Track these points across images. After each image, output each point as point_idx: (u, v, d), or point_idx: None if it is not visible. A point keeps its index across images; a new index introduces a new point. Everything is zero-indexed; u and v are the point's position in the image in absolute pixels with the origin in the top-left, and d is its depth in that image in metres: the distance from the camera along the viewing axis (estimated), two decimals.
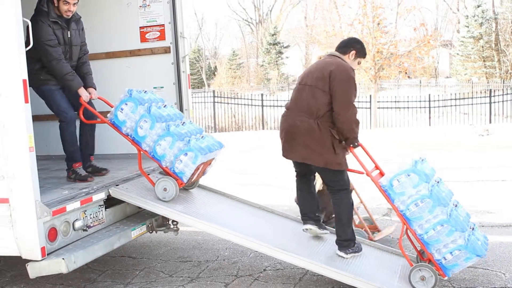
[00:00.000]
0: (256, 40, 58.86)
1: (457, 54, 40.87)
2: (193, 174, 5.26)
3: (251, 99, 24.77)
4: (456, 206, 4.82)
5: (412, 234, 4.83)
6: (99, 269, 5.89)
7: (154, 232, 5.64)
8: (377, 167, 5.35)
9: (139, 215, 5.58)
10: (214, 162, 5.71)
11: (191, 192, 5.81)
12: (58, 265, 4.38)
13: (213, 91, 26.68)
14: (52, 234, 4.54)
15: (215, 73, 53.23)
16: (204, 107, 24.71)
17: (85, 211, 4.95)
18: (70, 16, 5.65)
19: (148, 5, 6.73)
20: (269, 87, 47.65)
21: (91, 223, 5.03)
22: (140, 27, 6.80)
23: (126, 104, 5.28)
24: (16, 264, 5.74)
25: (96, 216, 5.11)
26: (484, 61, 38.24)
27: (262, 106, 23.93)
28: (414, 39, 22.13)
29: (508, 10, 37.11)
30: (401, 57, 21.40)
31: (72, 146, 5.73)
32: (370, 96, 22.37)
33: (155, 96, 5.63)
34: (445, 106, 22.16)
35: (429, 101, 21.70)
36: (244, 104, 24.46)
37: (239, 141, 16.73)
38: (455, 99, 22.20)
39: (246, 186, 10.01)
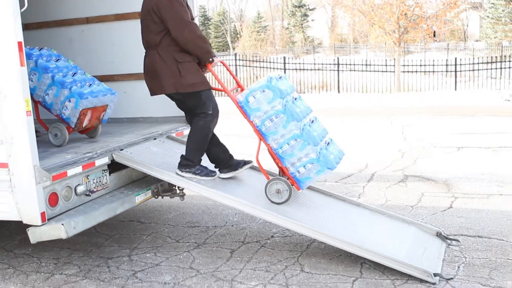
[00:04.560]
0: (281, 2, 58.01)
1: (487, 16, 39.73)
2: (80, 119, 5.58)
3: (274, 62, 24.47)
4: (312, 122, 4.97)
5: (268, 149, 4.95)
6: (107, 233, 5.86)
7: (160, 197, 5.57)
8: (239, 85, 5.41)
9: (144, 180, 5.49)
10: (109, 109, 5.98)
11: None
12: (58, 231, 4.32)
13: (235, 54, 26.44)
14: (52, 199, 4.47)
15: (238, 36, 52.71)
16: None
17: (88, 176, 4.87)
18: None
19: None
20: (294, 50, 47.17)
21: (95, 188, 4.96)
22: None
23: None
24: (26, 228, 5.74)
25: (100, 181, 5.04)
26: None
27: (285, 69, 23.64)
28: (440, 1, 21.41)
29: None
30: (426, 20, 20.77)
31: None
32: (394, 59, 21.89)
33: (51, 52, 5.93)
34: (472, 70, 21.58)
35: (455, 65, 21.14)
36: (267, 68, 24.18)
37: None
38: (483, 63, 21.59)
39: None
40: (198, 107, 5.05)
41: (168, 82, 4.94)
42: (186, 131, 6.23)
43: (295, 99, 4.97)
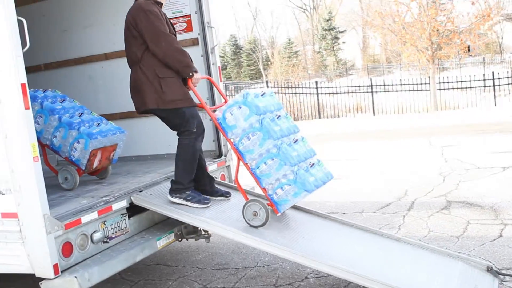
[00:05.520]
0: (311, 26, 57.91)
1: None
2: (90, 161, 5.34)
3: (306, 87, 24.15)
4: (295, 141, 4.73)
5: (247, 169, 4.67)
6: (132, 279, 5.54)
7: (185, 239, 5.22)
8: (226, 102, 5.07)
9: (167, 222, 5.14)
10: (119, 148, 5.75)
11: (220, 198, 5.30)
12: (71, 284, 3.97)
13: (266, 82, 26.24)
14: (66, 249, 4.17)
15: (268, 63, 52.62)
16: None
17: (105, 221, 4.56)
18: None
19: None
20: (326, 74, 46.86)
21: (113, 234, 4.64)
22: None
23: None
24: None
25: (118, 226, 4.72)
26: None
27: (317, 94, 23.28)
28: (473, 14, 20.79)
29: None
30: (460, 34, 20.17)
31: None
32: (429, 77, 21.31)
33: (56, 93, 5.73)
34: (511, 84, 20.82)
35: (493, 79, 20.43)
36: (299, 93, 23.86)
37: None
38: None
39: None
40: (182, 125, 4.86)
41: (151, 97, 4.78)
42: (211, 166, 5.91)
43: (278, 117, 4.75)
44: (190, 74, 4.84)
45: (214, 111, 4.91)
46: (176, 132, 4.98)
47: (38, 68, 7.34)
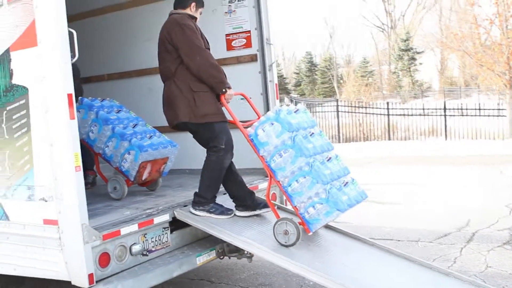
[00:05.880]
0: (388, 46, 57.01)
1: None
2: (140, 172, 5.38)
3: (377, 108, 23.71)
4: (329, 159, 4.61)
5: (279, 187, 4.61)
6: None
7: (227, 257, 5.13)
8: (259, 118, 4.92)
9: (210, 239, 5.05)
10: (170, 162, 5.76)
11: (262, 216, 5.16)
12: None
13: (337, 100, 25.98)
14: (103, 259, 4.17)
15: (341, 82, 52.10)
16: (334, 117, 24.09)
17: (145, 234, 4.54)
18: None
19: (234, 10, 6.29)
20: (401, 95, 45.94)
21: (153, 247, 4.62)
22: (226, 35, 6.37)
23: (79, 111, 5.40)
24: None
25: (159, 240, 4.70)
26: None
27: (388, 115, 22.77)
28: None
29: None
30: None
31: None
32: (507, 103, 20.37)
33: (113, 103, 5.88)
34: None
35: None
36: (370, 113, 23.44)
37: (353, 152, 15.90)
38: None
39: None
40: (211, 140, 4.80)
41: (184, 111, 4.76)
42: (262, 184, 5.81)
43: (312, 134, 4.66)
44: (224, 90, 4.80)
45: (247, 127, 4.80)
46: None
47: (102, 78, 7.54)
